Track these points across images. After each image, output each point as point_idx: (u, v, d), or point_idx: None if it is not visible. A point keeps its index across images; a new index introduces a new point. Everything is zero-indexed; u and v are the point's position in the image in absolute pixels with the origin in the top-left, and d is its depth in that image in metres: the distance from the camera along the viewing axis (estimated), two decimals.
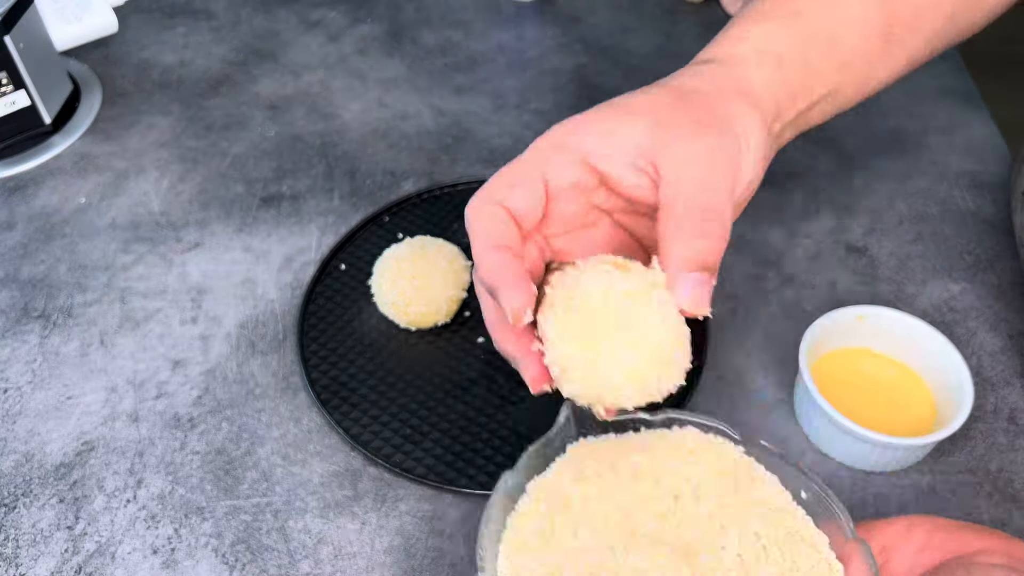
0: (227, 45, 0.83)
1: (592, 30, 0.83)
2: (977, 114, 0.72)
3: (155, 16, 0.87)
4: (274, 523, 0.48)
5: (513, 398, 0.53)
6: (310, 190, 0.68)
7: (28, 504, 0.49)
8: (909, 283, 0.59)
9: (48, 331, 0.58)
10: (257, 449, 0.51)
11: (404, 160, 0.70)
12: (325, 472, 0.50)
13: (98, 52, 0.82)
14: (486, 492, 0.49)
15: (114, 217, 0.66)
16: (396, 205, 0.65)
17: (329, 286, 0.60)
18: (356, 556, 0.47)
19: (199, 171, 0.70)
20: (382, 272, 0.56)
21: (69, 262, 0.63)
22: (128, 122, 0.75)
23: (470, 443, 0.51)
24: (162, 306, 0.60)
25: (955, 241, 0.62)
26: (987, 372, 0.54)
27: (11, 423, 0.53)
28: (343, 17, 0.86)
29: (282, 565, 0.46)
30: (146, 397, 0.54)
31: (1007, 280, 0.59)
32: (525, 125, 0.73)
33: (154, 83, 0.78)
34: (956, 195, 0.66)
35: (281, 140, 0.73)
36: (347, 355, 0.56)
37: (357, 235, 0.63)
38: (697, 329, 0.45)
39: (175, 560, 0.47)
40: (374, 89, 0.78)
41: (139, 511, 0.49)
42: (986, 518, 0.47)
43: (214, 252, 0.63)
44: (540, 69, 0.79)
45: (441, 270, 0.55)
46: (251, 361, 0.56)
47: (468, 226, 0.40)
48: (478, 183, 0.67)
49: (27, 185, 0.69)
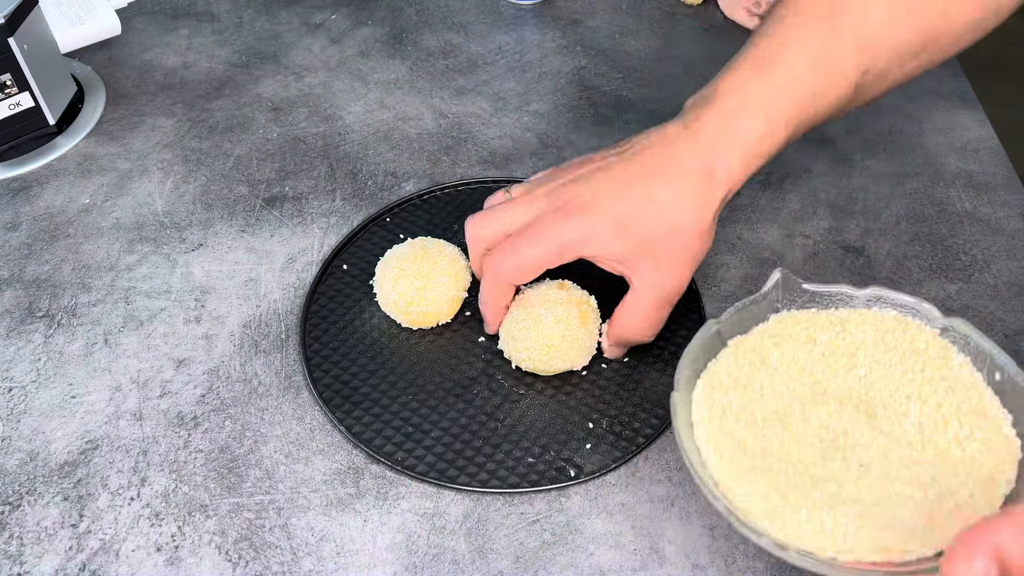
0: (230, 47, 0.83)
1: (591, 32, 0.84)
2: (973, 115, 0.73)
3: (158, 18, 0.87)
4: (277, 520, 0.49)
5: (513, 396, 0.54)
6: (312, 191, 0.68)
7: (32, 502, 0.50)
8: (906, 283, 0.60)
9: (52, 330, 0.59)
10: (260, 447, 0.52)
11: (405, 161, 0.71)
12: (327, 470, 0.51)
13: (102, 54, 0.82)
14: (487, 490, 0.49)
15: (118, 218, 0.67)
16: (397, 206, 0.66)
17: (331, 286, 0.60)
18: (358, 553, 0.47)
19: (202, 172, 0.70)
20: (384, 272, 0.57)
21: (73, 262, 0.63)
22: (132, 123, 0.75)
23: (471, 441, 0.52)
24: (166, 306, 0.60)
25: (951, 241, 0.63)
26: None
27: (16, 422, 0.54)
28: (345, 19, 0.87)
29: (285, 562, 0.47)
30: (150, 396, 0.55)
31: (1003, 280, 0.60)
32: (525, 127, 0.74)
33: (157, 85, 0.79)
34: (953, 196, 0.66)
35: (283, 141, 0.73)
36: (349, 354, 0.56)
37: (359, 235, 0.64)
38: (693, 329, 0.48)
39: (179, 557, 0.47)
40: (375, 91, 0.78)
41: (143, 509, 0.49)
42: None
43: (217, 252, 0.64)
44: (540, 71, 0.79)
45: (443, 270, 0.56)
46: (254, 360, 0.57)
47: (468, 235, 0.55)
48: (479, 184, 0.68)
49: (31, 186, 0.70)
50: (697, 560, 0.46)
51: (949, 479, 0.38)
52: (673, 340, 0.56)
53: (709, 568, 0.46)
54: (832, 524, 0.36)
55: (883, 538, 0.36)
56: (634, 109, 0.74)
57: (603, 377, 0.54)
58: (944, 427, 0.40)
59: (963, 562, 0.30)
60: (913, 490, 0.37)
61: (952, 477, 0.38)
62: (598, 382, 0.54)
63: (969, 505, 0.37)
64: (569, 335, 0.52)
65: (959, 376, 0.42)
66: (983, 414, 0.40)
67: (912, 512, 0.37)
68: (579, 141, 0.72)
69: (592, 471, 0.50)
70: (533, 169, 0.69)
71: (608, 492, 0.49)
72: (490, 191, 0.67)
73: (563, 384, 0.54)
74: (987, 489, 0.37)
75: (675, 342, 0.56)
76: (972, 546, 0.30)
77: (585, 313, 0.53)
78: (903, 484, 0.38)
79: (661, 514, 0.48)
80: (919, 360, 0.42)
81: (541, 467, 0.50)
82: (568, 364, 0.53)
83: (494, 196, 0.57)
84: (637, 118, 0.73)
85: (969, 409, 0.40)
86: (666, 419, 0.52)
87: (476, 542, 0.47)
